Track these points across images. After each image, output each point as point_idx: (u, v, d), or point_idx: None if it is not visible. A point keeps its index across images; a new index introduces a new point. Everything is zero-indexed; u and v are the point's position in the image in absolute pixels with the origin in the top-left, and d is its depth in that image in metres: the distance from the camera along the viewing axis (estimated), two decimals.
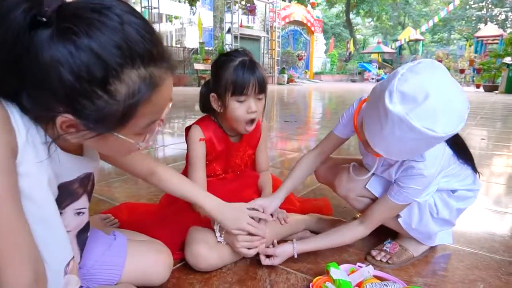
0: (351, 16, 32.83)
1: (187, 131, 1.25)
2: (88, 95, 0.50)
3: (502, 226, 1.43)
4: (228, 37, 14.48)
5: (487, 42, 18.19)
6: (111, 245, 0.86)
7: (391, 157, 0.90)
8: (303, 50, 20.41)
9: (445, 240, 1.19)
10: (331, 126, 1.28)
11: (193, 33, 21.20)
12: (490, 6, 32.01)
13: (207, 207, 1.00)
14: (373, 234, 1.24)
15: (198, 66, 12.57)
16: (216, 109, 1.19)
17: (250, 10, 16.77)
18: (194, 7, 18.22)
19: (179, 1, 20.08)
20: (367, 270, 0.96)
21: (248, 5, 16.73)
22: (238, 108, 1.13)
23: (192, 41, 19.88)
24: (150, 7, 11.59)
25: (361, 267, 0.99)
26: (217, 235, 1.07)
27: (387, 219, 1.09)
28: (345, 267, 1.01)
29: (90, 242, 0.81)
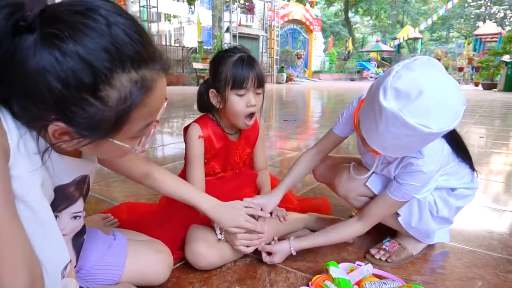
0: (350, 15, 32.83)
1: (185, 131, 1.25)
2: (79, 102, 0.48)
3: (501, 224, 1.43)
4: (227, 36, 14.45)
5: (486, 40, 18.18)
6: (111, 246, 0.86)
7: (387, 154, 0.90)
8: (302, 49, 20.40)
9: (443, 238, 1.20)
10: (330, 125, 1.28)
11: (192, 32, 21.15)
12: (489, 4, 32.01)
13: (203, 208, 0.99)
14: (372, 233, 1.24)
15: (197, 65, 12.55)
16: (215, 105, 1.19)
17: (249, 9, 16.76)
18: (193, 6, 18.19)
19: (178, 0, 20.04)
20: (366, 269, 0.96)
21: (247, 4, 16.71)
22: (238, 102, 1.14)
23: (191, 40, 19.85)
24: (149, 6, 11.56)
25: (360, 266, 1.00)
26: (217, 233, 1.07)
27: (386, 217, 1.09)
28: (344, 266, 1.01)
29: (90, 243, 0.81)
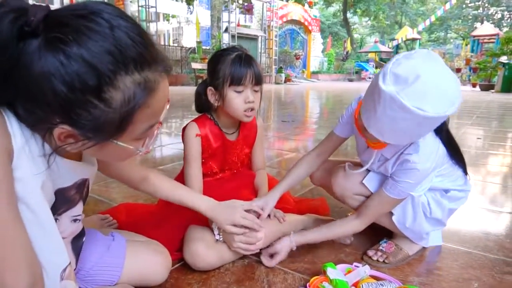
0: (348, 15, 32.87)
1: (184, 131, 1.26)
2: (83, 105, 0.49)
3: (497, 225, 1.44)
4: (226, 36, 14.45)
5: (484, 41, 18.24)
6: (110, 247, 0.87)
7: (386, 140, 0.90)
8: (301, 49, 20.41)
9: (436, 242, 1.21)
10: (329, 126, 1.29)
11: (191, 32, 21.14)
12: (487, 5, 32.14)
13: (201, 208, 1.00)
14: (369, 234, 1.25)
15: (196, 65, 12.54)
16: (214, 103, 1.20)
17: (248, 9, 16.76)
18: (192, 6, 18.19)
19: (177, 0, 20.03)
20: (364, 270, 0.97)
21: (246, 4, 16.72)
22: (236, 98, 1.15)
23: (190, 40, 19.85)
24: (147, 6, 11.55)
25: (358, 267, 1.00)
26: (215, 233, 1.08)
27: (382, 214, 1.10)
28: (342, 267, 1.02)
29: (89, 244, 0.82)
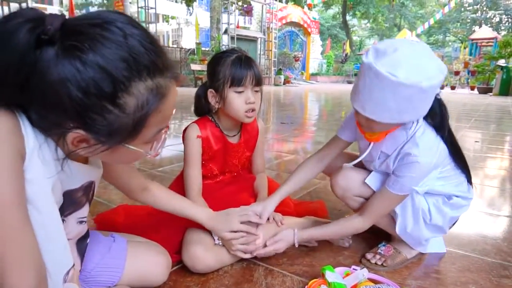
0: (348, 18, 32.93)
1: (185, 132, 1.26)
2: (98, 110, 0.50)
3: (494, 229, 1.45)
4: (225, 38, 14.47)
5: (482, 45, 18.32)
6: (111, 248, 0.87)
7: (367, 114, 0.91)
8: (300, 51, 20.44)
9: (438, 248, 1.21)
10: (328, 128, 1.29)
11: (190, 34, 21.17)
12: (485, 9, 32.25)
13: (199, 219, 1.02)
14: (368, 237, 1.26)
15: (195, 67, 12.54)
16: (214, 105, 1.21)
17: (247, 11, 16.80)
18: (191, 8, 18.21)
19: (176, 1, 20.05)
20: (362, 273, 0.97)
21: (245, 6, 16.75)
22: (237, 99, 1.16)
23: (189, 42, 19.86)
24: (147, 7, 11.57)
25: (356, 270, 1.00)
26: (215, 238, 1.08)
27: (385, 213, 1.09)
28: (340, 270, 1.02)
29: (91, 245, 0.82)
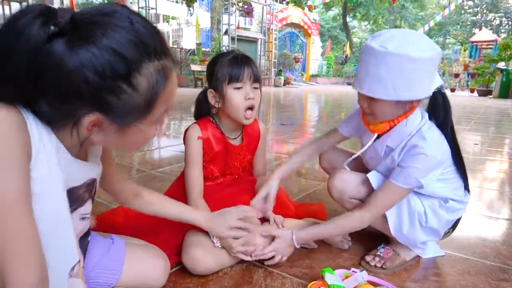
0: (348, 19, 32.96)
1: (186, 133, 1.26)
2: (114, 91, 0.54)
3: (494, 232, 1.45)
4: (226, 39, 14.48)
5: (482, 47, 18.34)
6: (110, 249, 0.87)
7: (364, 91, 0.97)
8: (300, 53, 20.44)
9: (437, 252, 1.21)
10: (327, 130, 1.30)
11: (190, 34, 21.16)
12: (485, 11, 32.32)
13: (196, 222, 1.03)
14: (367, 240, 1.26)
15: (195, 67, 12.55)
16: (214, 105, 1.21)
17: (248, 12, 16.80)
18: (192, 8, 18.22)
19: (177, 2, 20.06)
20: (361, 276, 0.97)
21: (246, 7, 16.76)
22: (236, 96, 1.16)
23: (189, 42, 19.86)
24: (148, 8, 11.57)
25: (355, 272, 1.01)
26: (214, 241, 1.08)
27: (387, 207, 1.06)
28: (340, 272, 1.02)
29: (90, 246, 0.82)
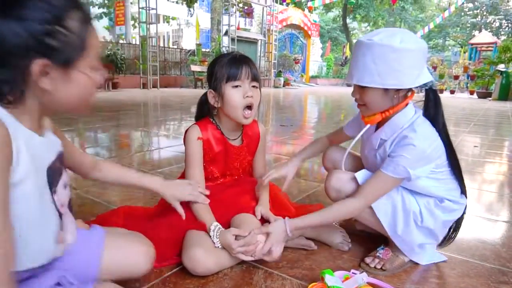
0: (348, 21, 32.99)
1: (186, 134, 1.26)
2: (54, 35, 0.63)
3: (493, 234, 1.46)
4: (226, 39, 14.49)
5: (481, 49, 18.36)
6: (90, 237, 0.86)
7: (354, 80, 1.05)
8: (300, 54, 20.46)
9: (439, 258, 1.20)
10: (327, 131, 1.31)
11: (190, 35, 21.17)
12: (485, 14, 32.38)
13: (153, 187, 1.11)
14: (367, 242, 1.26)
15: (195, 68, 12.56)
16: (213, 105, 1.22)
17: (248, 13, 16.82)
18: (192, 9, 18.22)
19: (177, 2, 20.07)
20: (361, 277, 0.97)
21: (246, 8, 16.78)
22: (235, 94, 1.17)
23: (189, 43, 19.87)
24: (148, 8, 11.58)
25: (355, 274, 1.01)
26: (215, 241, 1.08)
27: (378, 195, 1.07)
28: (340, 274, 1.02)
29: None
